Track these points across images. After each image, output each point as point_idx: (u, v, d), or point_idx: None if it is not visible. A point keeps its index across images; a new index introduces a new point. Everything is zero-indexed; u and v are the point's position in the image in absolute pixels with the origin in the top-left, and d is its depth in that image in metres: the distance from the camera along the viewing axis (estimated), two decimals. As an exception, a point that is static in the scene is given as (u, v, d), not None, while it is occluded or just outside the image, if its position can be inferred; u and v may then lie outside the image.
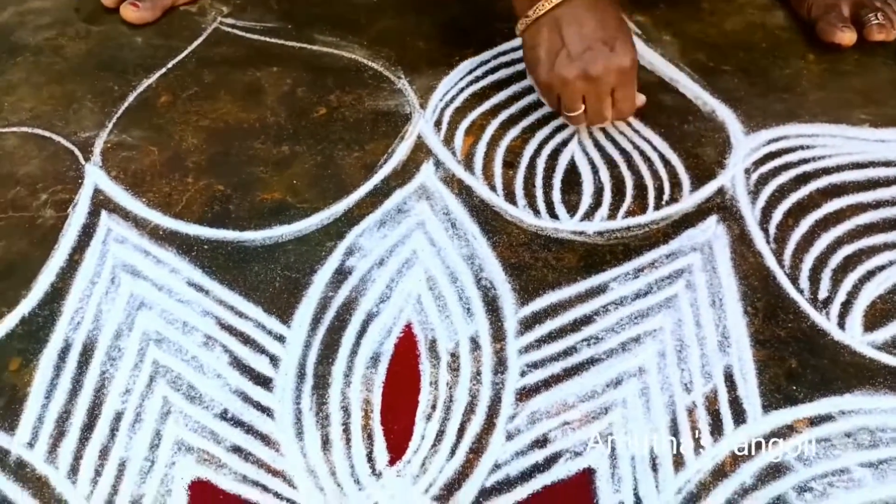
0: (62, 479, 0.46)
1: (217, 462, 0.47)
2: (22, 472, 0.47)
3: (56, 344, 0.53)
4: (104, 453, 0.48)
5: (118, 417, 0.49)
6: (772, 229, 0.60)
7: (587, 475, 0.47)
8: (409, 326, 0.55)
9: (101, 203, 0.62)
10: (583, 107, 0.61)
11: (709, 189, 0.63)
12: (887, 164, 0.64)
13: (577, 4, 0.59)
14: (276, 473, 0.47)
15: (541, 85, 0.63)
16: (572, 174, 0.64)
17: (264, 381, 0.51)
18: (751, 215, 0.61)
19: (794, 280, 0.57)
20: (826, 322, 0.54)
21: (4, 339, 0.53)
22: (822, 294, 0.56)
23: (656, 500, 0.46)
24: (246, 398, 0.50)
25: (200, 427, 0.49)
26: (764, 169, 0.64)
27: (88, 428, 0.49)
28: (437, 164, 0.65)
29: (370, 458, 0.48)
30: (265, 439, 0.49)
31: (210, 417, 0.49)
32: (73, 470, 0.47)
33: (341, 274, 0.57)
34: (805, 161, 0.65)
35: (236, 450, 0.48)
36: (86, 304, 0.55)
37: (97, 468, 0.47)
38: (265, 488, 0.46)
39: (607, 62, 0.58)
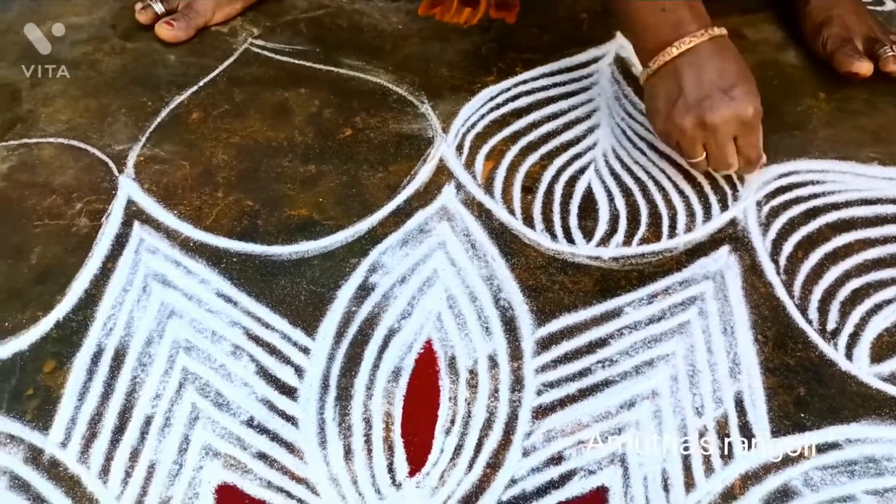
0: (94, 478, 0.48)
1: (243, 467, 0.49)
2: (55, 471, 0.48)
3: (89, 348, 0.55)
4: (134, 455, 0.49)
5: (148, 421, 0.51)
6: (782, 261, 0.62)
7: (601, 493, 0.48)
8: (429, 343, 0.56)
9: (133, 214, 0.64)
10: (703, 154, 0.62)
11: (721, 220, 0.65)
12: (894, 201, 0.67)
13: (697, 52, 0.58)
14: (299, 480, 0.48)
15: (659, 133, 0.63)
16: (589, 201, 0.67)
17: (289, 391, 0.53)
18: (762, 246, 0.63)
19: (804, 311, 0.58)
20: (834, 353, 0.56)
21: (40, 342, 0.55)
22: (831, 325, 0.58)
23: (667, 519, 0.47)
24: (272, 407, 0.52)
25: (227, 433, 0.51)
26: (775, 202, 0.66)
27: (119, 430, 0.51)
28: (459, 186, 0.67)
29: (391, 469, 0.49)
30: (290, 447, 0.50)
31: (237, 424, 0.51)
32: (105, 470, 0.49)
33: (364, 290, 0.59)
34: (815, 196, 0.67)
35: (262, 456, 0.50)
36: (118, 311, 0.57)
37: (127, 469, 0.49)
38: (289, 494, 0.48)
39: (725, 110, 0.58)
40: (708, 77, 0.59)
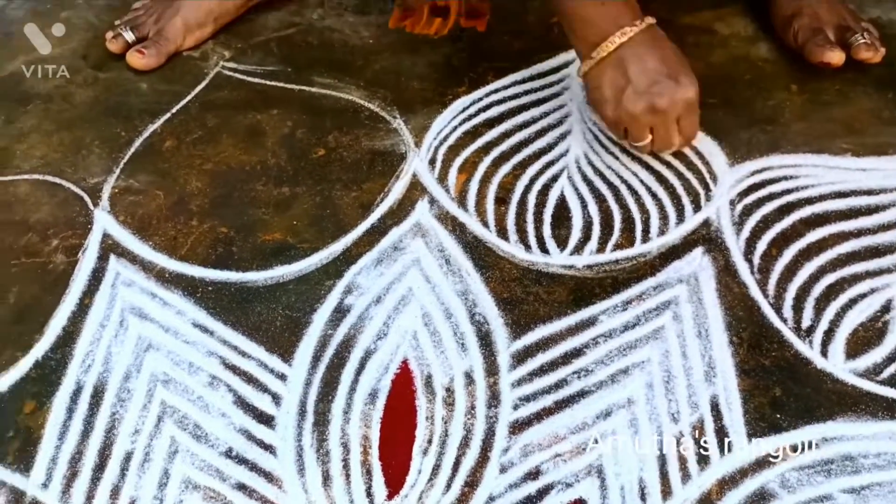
0: (75, 519, 0.49)
1: (223, 500, 0.49)
2: (37, 513, 0.49)
3: (68, 387, 0.55)
4: (115, 493, 0.50)
5: (128, 457, 0.52)
6: (756, 260, 0.62)
7: (578, 506, 0.49)
8: (405, 363, 0.57)
9: (109, 247, 0.65)
10: (650, 137, 0.66)
11: (695, 221, 0.65)
12: (868, 192, 0.67)
13: (637, 43, 0.63)
14: (278, 510, 0.49)
15: (608, 121, 0.67)
16: (562, 209, 0.67)
17: (267, 420, 0.54)
18: (735, 246, 0.63)
19: (778, 309, 0.59)
20: (809, 350, 0.56)
21: (19, 383, 0.56)
22: (806, 323, 0.58)
23: (645, 529, 0.47)
24: (249, 436, 0.53)
25: (206, 465, 0.51)
26: (748, 200, 0.66)
27: (100, 468, 0.51)
28: (432, 201, 0.67)
29: (369, 494, 0.50)
30: (268, 476, 0.51)
31: (216, 456, 0.52)
32: (86, 510, 0.49)
33: (340, 312, 0.60)
34: (788, 191, 0.67)
35: (241, 487, 0.50)
36: (96, 347, 0.58)
37: (108, 508, 0.49)
38: (268, 524, 0.48)
39: (673, 94, 0.62)
40: (652, 65, 0.63)
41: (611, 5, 0.63)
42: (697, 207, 0.66)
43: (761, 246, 0.63)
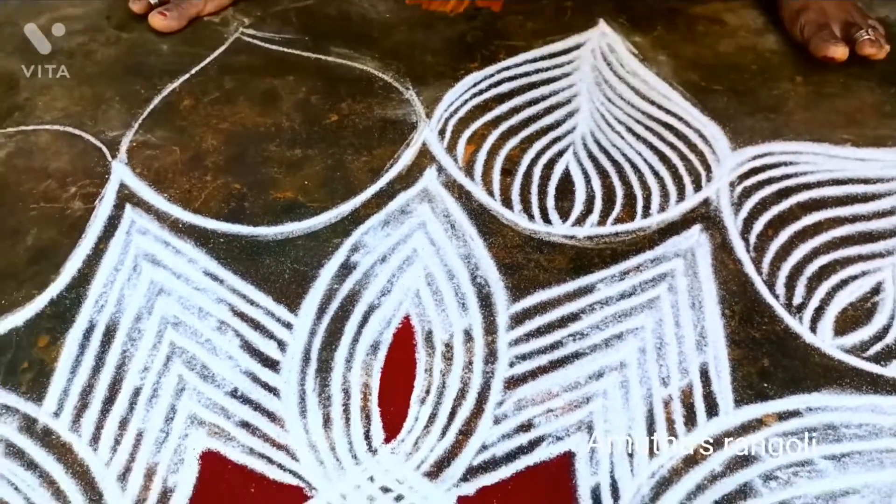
0: (84, 446, 0.51)
1: (227, 435, 0.51)
2: (48, 439, 0.51)
3: (81, 324, 0.57)
4: (123, 424, 0.52)
5: (137, 392, 0.54)
6: (752, 239, 0.64)
7: (567, 458, 0.50)
8: (407, 318, 0.59)
9: (125, 197, 0.67)
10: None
11: (695, 200, 0.67)
12: (865, 181, 0.68)
13: None
14: (280, 447, 0.51)
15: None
16: (566, 182, 0.68)
17: (272, 364, 0.55)
18: (733, 225, 0.65)
19: (771, 286, 0.60)
20: (799, 326, 0.58)
21: (34, 319, 0.58)
22: (797, 300, 0.59)
23: (631, 482, 0.49)
24: (255, 378, 0.55)
25: (212, 403, 0.53)
26: (748, 183, 0.68)
27: (109, 401, 0.53)
28: (440, 169, 0.69)
29: (367, 437, 0.52)
30: (271, 416, 0.53)
31: (221, 395, 0.53)
32: (95, 438, 0.51)
33: (346, 268, 0.62)
34: (787, 176, 0.69)
35: (244, 425, 0.52)
36: (109, 289, 0.60)
37: (116, 438, 0.51)
38: (270, 460, 0.50)
39: None
40: None
41: None
42: (698, 187, 0.68)
43: (758, 226, 0.65)
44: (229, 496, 0.48)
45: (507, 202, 0.67)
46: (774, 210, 0.66)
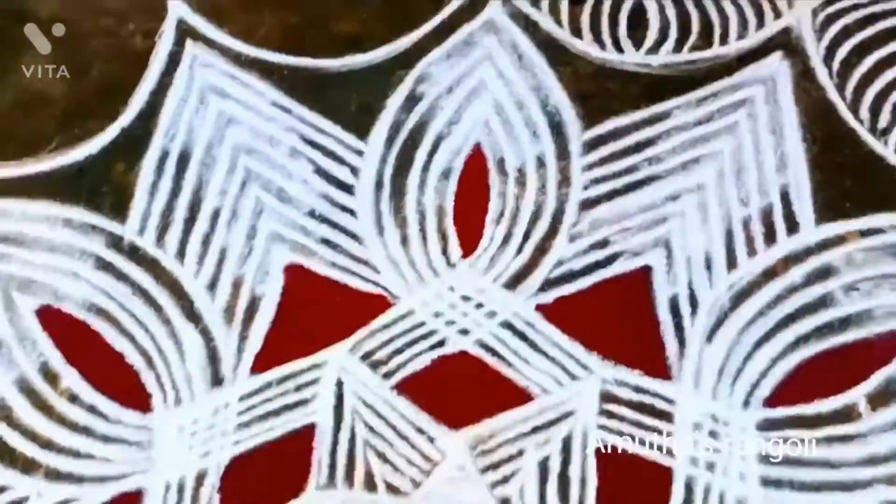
0: (171, 260, 0.52)
1: (308, 251, 0.52)
2: (135, 255, 0.53)
3: (155, 152, 0.58)
4: (206, 241, 0.53)
5: (216, 214, 0.54)
6: (835, 65, 0.61)
7: (645, 272, 0.51)
8: (478, 146, 0.58)
9: (186, 33, 0.65)
10: None
11: (775, 27, 0.63)
12: (959, 5, 0.64)
13: None
14: (360, 261, 0.52)
15: None
16: (639, 12, 0.65)
17: (346, 188, 0.56)
18: (815, 53, 0.62)
19: (855, 112, 0.58)
20: (883, 149, 0.56)
21: (108, 147, 0.58)
22: (882, 124, 0.57)
23: (709, 294, 0.50)
24: (331, 201, 0.55)
25: (292, 223, 0.54)
26: (831, 10, 0.64)
27: (190, 221, 0.54)
28: (505, 0, 0.66)
29: (445, 253, 0.52)
30: (350, 234, 0.53)
31: (300, 215, 0.54)
32: (181, 254, 0.52)
33: (412, 100, 0.60)
34: (874, 2, 0.64)
35: (325, 241, 0.53)
36: (179, 120, 0.59)
37: (200, 254, 0.52)
38: (352, 272, 0.51)
39: None
40: None
41: None
42: (778, 15, 0.64)
43: (841, 53, 0.61)
44: (314, 304, 0.50)
45: (576, 31, 0.64)
46: (859, 37, 0.62)
